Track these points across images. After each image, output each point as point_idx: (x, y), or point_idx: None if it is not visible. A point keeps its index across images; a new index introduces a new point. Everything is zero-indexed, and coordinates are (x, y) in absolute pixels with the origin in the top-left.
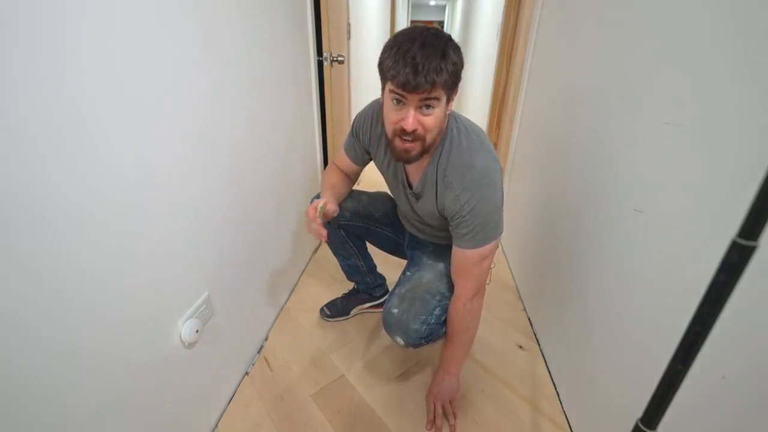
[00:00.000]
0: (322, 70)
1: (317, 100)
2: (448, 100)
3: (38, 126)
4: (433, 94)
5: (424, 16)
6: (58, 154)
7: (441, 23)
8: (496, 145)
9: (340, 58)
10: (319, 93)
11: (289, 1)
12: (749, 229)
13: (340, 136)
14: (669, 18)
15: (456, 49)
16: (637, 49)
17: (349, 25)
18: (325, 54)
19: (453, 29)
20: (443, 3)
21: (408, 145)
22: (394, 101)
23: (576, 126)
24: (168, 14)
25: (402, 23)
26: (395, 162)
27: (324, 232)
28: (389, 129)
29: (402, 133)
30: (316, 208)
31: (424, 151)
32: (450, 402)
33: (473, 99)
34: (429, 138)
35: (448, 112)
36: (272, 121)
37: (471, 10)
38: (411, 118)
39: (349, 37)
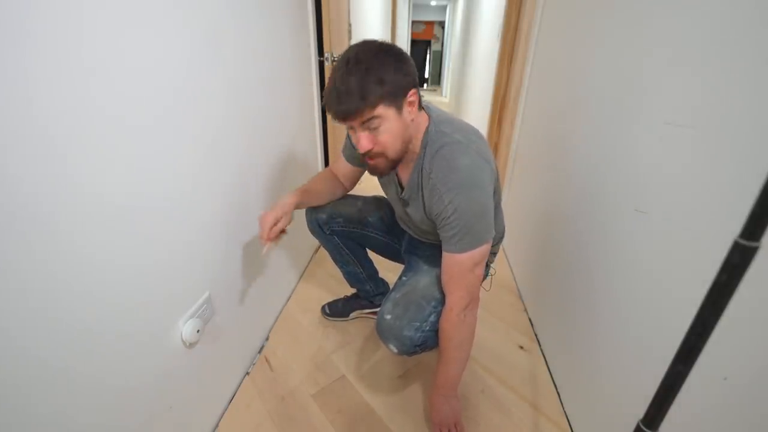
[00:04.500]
0: (323, 71)
1: (318, 101)
2: (399, 109)
3: (36, 125)
4: (368, 115)
5: (424, 16)
6: (56, 154)
7: (442, 23)
8: (496, 145)
9: None
10: (320, 93)
11: (290, 1)
12: (751, 230)
13: (341, 136)
14: (670, 18)
15: (388, 57)
16: (638, 49)
17: (350, 25)
18: (326, 54)
19: (453, 29)
20: (444, 3)
21: (372, 162)
22: (347, 127)
23: (577, 126)
24: (168, 15)
25: (403, 23)
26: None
27: (266, 243)
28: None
29: (362, 155)
30: (273, 224)
31: (393, 164)
32: (455, 425)
33: (474, 99)
34: (391, 152)
35: (410, 118)
36: (273, 121)
37: (472, 11)
38: (362, 141)
39: (350, 38)
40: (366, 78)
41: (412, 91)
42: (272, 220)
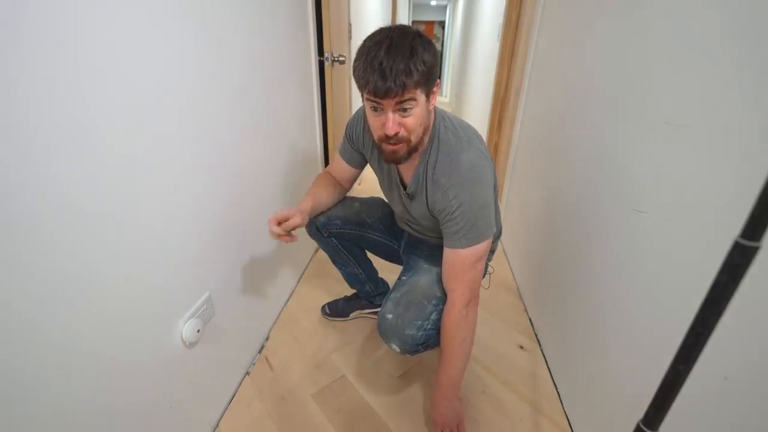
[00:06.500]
0: (323, 70)
1: (318, 101)
2: (428, 96)
3: (37, 126)
4: (407, 96)
5: (425, 16)
6: (57, 153)
7: (442, 23)
8: (496, 145)
9: (341, 59)
10: (320, 93)
11: (290, 1)
12: (752, 230)
13: (341, 136)
14: (670, 18)
15: (425, 43)
16: (638, 49)
17: (350, 25)
18: (326, 54)
19: (454, 29)
20: (444, 3)
21: (394, 147)
22: (372, 108)
23: (577, 126)
24: (168, 14)
25: (403, 23)
26: (387, 163)
27: (287, 238)
28: (375, 135)
29: (386, 138)
30: (278, 222)
31: (412, 151)
32: (458, 427)
33: (474, 99)
34: (413, 138)
35: (431, 107)
36: (273, 121)
37: (472, 10)
38: (390, 123)
39: (350, 37)
40: (412, 59)
41: (438, 81)
42: (275, 220)
